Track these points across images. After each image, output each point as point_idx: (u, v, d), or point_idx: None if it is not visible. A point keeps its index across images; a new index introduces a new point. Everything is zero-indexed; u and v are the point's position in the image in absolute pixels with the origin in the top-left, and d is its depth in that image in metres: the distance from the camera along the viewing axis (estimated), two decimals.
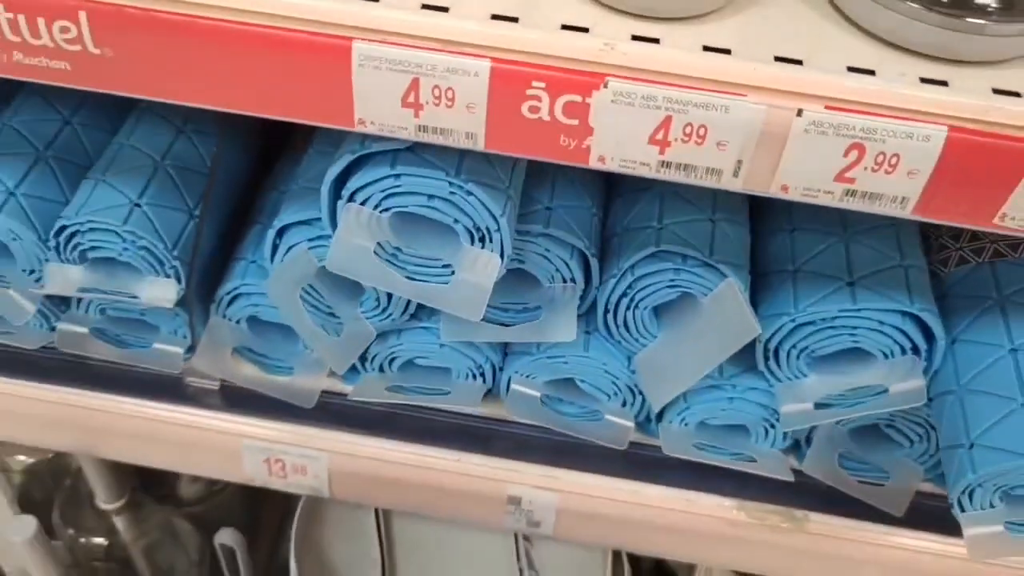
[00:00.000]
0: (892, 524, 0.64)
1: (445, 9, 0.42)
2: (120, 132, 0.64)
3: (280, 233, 0.58)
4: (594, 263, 0.58)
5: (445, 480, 0.66)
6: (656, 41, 0.42)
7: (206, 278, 0.63)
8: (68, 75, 0.45)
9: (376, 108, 0.43)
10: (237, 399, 0.67)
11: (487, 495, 0.66)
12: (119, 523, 0.89)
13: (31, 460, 0.95)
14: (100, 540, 0.87)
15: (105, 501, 0.86)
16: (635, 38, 0.42)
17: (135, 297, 0.60)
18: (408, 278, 0.52)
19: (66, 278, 0.60)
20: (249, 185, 0.68)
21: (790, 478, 0.62)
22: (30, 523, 0.68)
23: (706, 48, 0.42)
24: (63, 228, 0.58)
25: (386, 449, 0.65)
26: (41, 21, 0.43)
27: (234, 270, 0.63)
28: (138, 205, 0.59)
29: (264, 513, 1.05)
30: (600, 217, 0.61)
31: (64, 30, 0.43)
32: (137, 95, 0.45)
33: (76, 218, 0.58)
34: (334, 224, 0.52)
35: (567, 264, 0.58)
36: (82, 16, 0.42)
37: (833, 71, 0.41)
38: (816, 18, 0.44)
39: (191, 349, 0.65)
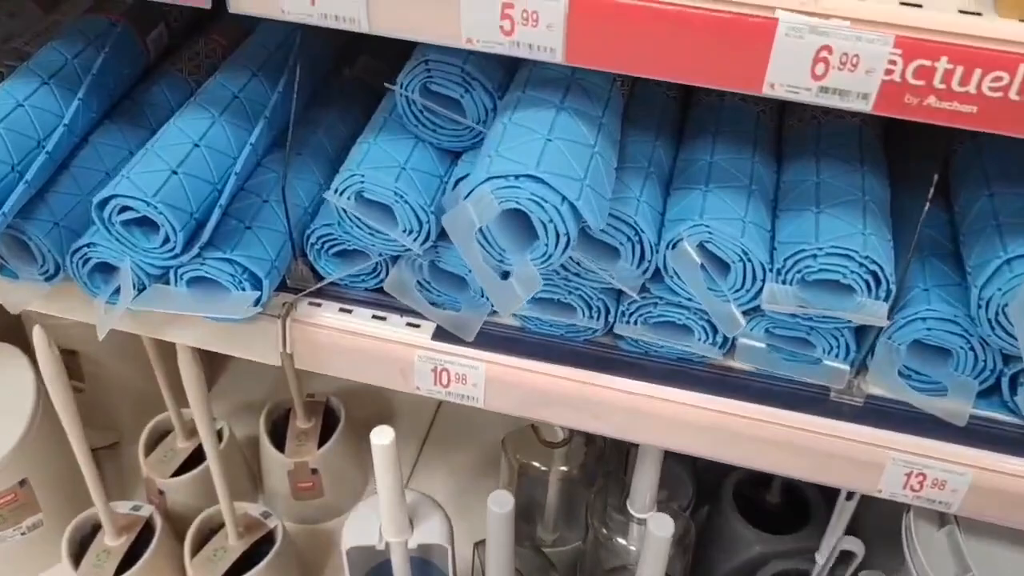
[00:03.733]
0: None
1: None
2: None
3: None
4: None
5: None
6: None
7: None
8: (972, 118, 0.53)
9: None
10: (879, 415, 0.73)
11: None
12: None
13: None
14: None
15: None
16: None
17: (845, 319, 0.68)
18: None
19: (787, 297, 0.68)
20: None
21: None
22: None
23: None
24: (801, 251, 0.66)
25: None
26: (977, 72, 0.51)
27: (911, 296, 0.70)
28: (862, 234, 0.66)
29: None
30: None
31: (996, 79, 0.51)
32: None
33: (816, 243, 0.66)
34: None
35: None
36: (1021, 68, 0.50)
37: None
38: None
39: None
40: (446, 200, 0.71)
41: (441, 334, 0.78)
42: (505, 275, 0.65)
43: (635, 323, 0.75)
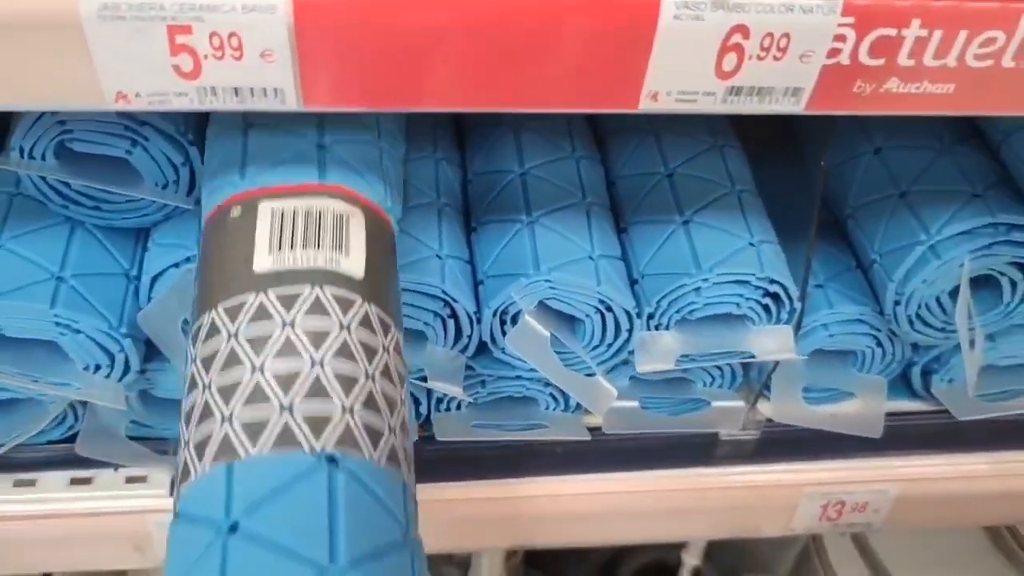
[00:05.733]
0: None
1: None
2: None
3: None
4: None
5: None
6: None
7: None
8: (948, 100, 0.35)
9: None
10: (781, 445, 0.58)
11: None
12: None
13: None
14: None
15: None
16: None
17: (747, 354, 0.50)
18: None
19: (666, 351, 0.49)
20: None
21: None
22: None
23: None
24: (680, 287, 0.48)
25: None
26: (962, 36, 0.33)
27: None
28: None
29: None
30: None
31: (987, 42, 0.33)
32: None
33: (699, 273, 0.47)
34: None
35: None
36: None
37: None
38: None
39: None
40: (147, 313, 0.45)
41: None
42: None
43: (456, 408, 0.54)
